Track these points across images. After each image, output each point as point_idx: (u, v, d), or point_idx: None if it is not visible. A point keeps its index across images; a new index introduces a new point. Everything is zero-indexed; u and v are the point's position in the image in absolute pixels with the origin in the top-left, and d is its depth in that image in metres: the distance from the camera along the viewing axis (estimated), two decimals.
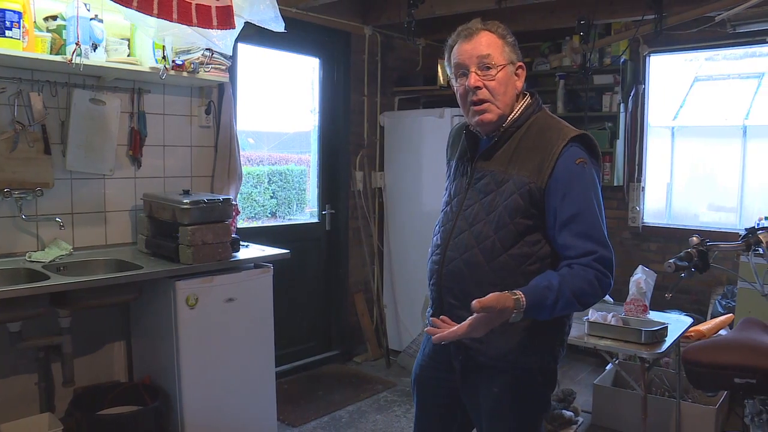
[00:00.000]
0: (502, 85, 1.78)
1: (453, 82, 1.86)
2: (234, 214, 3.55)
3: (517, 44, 1.84)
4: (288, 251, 3.53)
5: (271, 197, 4.77)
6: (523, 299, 1.61)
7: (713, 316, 4.36)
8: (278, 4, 3.14)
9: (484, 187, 1.81)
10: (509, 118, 1.83)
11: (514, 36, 1.84)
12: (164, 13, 2.67)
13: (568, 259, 1.71)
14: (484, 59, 1.76)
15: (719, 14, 3.90)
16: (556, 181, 1.71)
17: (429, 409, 2.05)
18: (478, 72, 1.77)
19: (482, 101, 1.79)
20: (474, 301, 1.56)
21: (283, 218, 4.85)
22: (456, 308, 1.82)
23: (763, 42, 4.35)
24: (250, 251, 3.45)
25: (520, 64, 1.84)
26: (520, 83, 1.84)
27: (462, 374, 1.89)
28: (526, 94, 1.88)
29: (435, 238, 1.93)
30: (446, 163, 2.07)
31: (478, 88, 1.77)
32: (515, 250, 1.74)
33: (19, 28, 2.71)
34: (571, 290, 1.65)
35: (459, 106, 1.90)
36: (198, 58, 3.29)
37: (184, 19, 2.73)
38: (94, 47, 2.98)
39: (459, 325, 1.63)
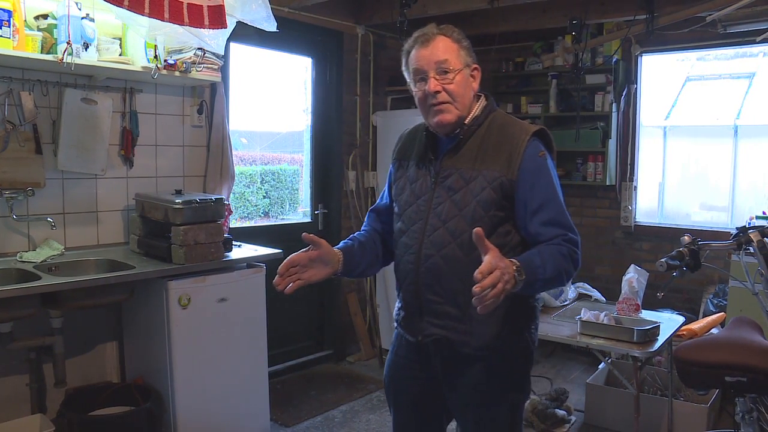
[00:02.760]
0: (460, 88, 1.85)
1: (412, 86, 1.92)
2: (226, 213, 3.54)
3: (472, 47, 1.90)
4: (281, 251, 3.52)
5: (264, 197, 4.77)
6: (519, 262, 1.63)
7: (705, 315, 4.38)
8: (270, 4, 3.14)
9: (452, 184, 1.86)
10: (470, 117, 1.89)
11: (468, 40, 1.90)
12: (155, 13, 2.66)
13: (539, 244, 1.79)
14: (442, 64, 1.82)
15: (710, 14, 3.91)
16: (524, 173, 1.80)
17: (406, 409, 2.08)
18: (437, 76, 1.83)
19: (442, 103, 1.84)
20: (476, 230, 1.58)
21: (276, 218, 4.84)
22: (437, 304, 1.87)
23: (753, 42, 4.37)
24: (242, 251, 3.44)
25: (475, 66, 1.90)
26: (476, 84, 1.91)
27: (443, 369, 1.93)
28: (481, 95, 1.95)
29: (403, 239, 1.95)
30: (392, 163, 2.10)
31: (437, 92, 1.83)
32: (491, 241, 1.73)
33: (9, 26, 2.70)
34: (554, 261, 1.73)
35: None
36: (190, 58, 3.28)
37: (176, 18, 2.73)
38: (86, 46, 2.96)
39: (485, 265, 1.54)
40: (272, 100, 4.76)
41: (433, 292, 1.87)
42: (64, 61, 2.81)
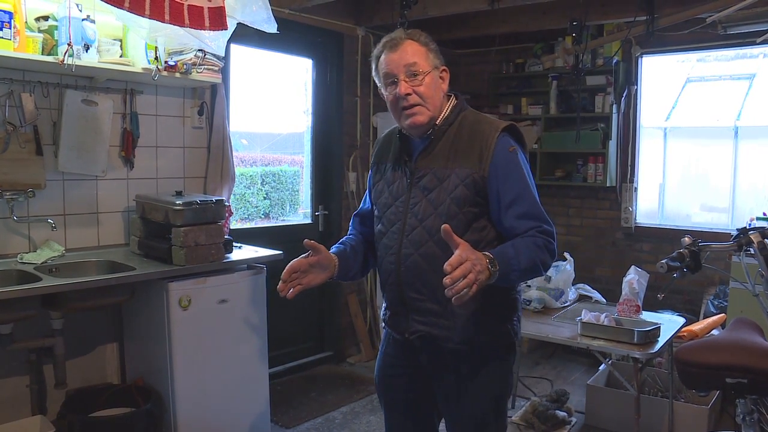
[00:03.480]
0: (430, 89, 1.89)
1: (383, 90, 1.98)
2: (227, 215, 3.54)
3: (439, 50, 1.96)
4: (281, 252, 3.53)
5: (264, 198, 4.77)
6: (491, 255, 1.69)
7: (706, 316, 4.38)
8: (271, 5, 3.14)
9: (427, 183, 1.91)
10: (441, 117, 1.94)
11: (435, 43, 1.96)
12: (156, 14, 2.66)
13: (515, 237, 1.84)
14: (411, 67, 1.87)
15: (710, 16, 3.92)
16: (496, 168, 1.85)
17: (398, 408, 2.13)
18: (407, 79, 1.88)
19: (413, 105, 1.89)
20: (444, 227, 1.64)
21: (277, 219, 4.84)
22: (419, 301, 1.93)
23: (753, 43, 4.37)
24: (243, 252, 3.44)
25: (444, 68, 1.95)
26: (445, 86, 1.96)
27: (430, 365, 1.99)
28: (451, 95, 2.00)
29: (384, 240, 2.00)
30: (371, 167, 2.16)
31: (408, 94, 1.88)
32: (466, 237, 1.81)
33: (10, 28, 2.70)
34: (528, 250, 1.77)
35: None
36: (190, 59, 3.28)
37: (176, 20, 2.73)
38: (86, 48, 2.96)
39: (454, 257, 1.59)
40: (273, 102, 4.76)
41: (414, 289, 1.92)
42: (65, 62, 2.81)
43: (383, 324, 2.11)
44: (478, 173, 1.84)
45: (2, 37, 2.67)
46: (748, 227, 2.62)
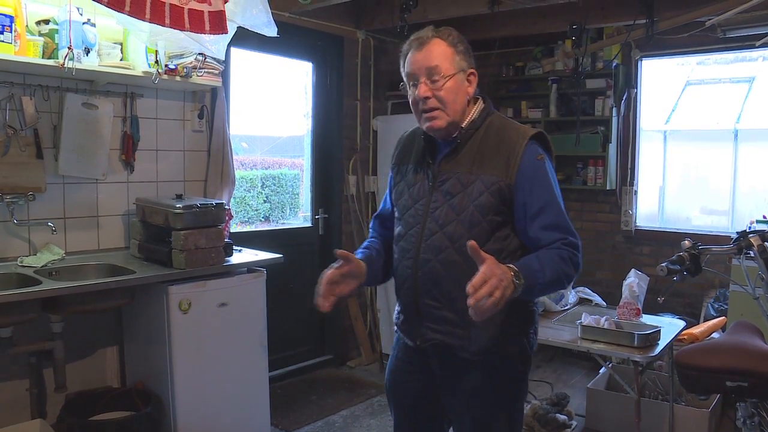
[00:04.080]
0: (451, 94, 1.83)
1: (407, 89, 1.92)
2: (227, 218, 3.55)
3: (470, 51, 1.89)
4: (281, 256, 3.53)
5: (265, 201, 4.77)
6: (519, 271, 1.63)
7: (706, 319, 4.38)
8: (271, 9, 3.15)
9: (450, 188, 1.85)
10: (467, 121, 1.88)
11: (467, 43, 1.88)
12: (157, 18, 2.67)
13: (539, 248, 1.78)
14: (433, 70, 1.81)
15: (710, 19, 3.92)
16: (523, 177, 1.79)
17: (407, 414, 2.08)
18: (428, 82, 1.82)
19: (432, 109, 1.83)
20: (470, 243, 1.59)
21: (277, 222, 4.84)
22: (435, 309, 1.87)
23: (752, 47, 4.38)
24: (243, 256, 3.44)
25: (472, 70, 1.88)
26: (471, 89, 1.88)
27: (442, 373, 1.93)
28: (479, 98, 1.93)
29: (402, 243, 1.95)
30: (392, 168, 2.10)
31: (427, 98, 1.82)
32: (488, 246, 1.77)
33: (11, 32, 2.71)
34: (553, 264, 1.72)
35: None
36: (191, 63, 3.28)
37: (177, 24, 2.74)
38: (87, 51, 2.97)
39: (477, 277, 1.54)
40: (273, 105, 4.76)
41: (431, 296, 1.86)
42: (66, 66, 2.82)
43: (395, 328, 2.06)
44: (504, 181, 1.79)
45: (3, 41, 2.68)
46: (748, 230, 2.62)
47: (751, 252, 2.51)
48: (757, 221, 4.41)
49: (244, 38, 3.32)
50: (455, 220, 1.82)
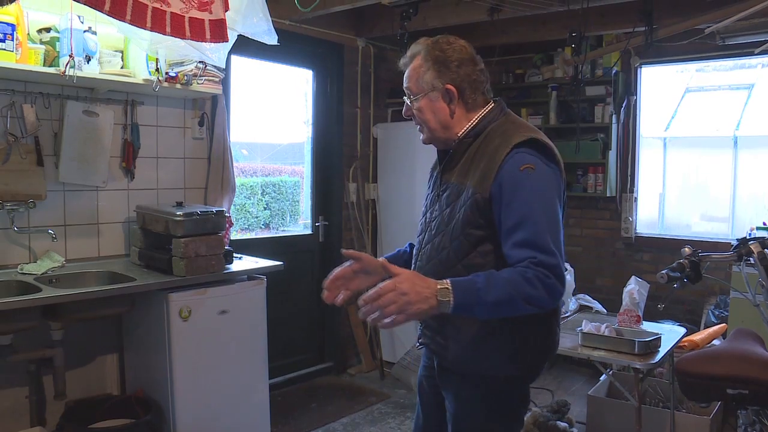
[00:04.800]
0: (423, 113, 1.84)
1: None
2: (227, 225, 3.55)
3: (455, 62, 1.80)
4: (281, 263, 3.53)
5: (265, 209, 4.77)
6: (449, 284, 1.57)
7: (706, 326, 4.37)
8: (271, 17, 3.16)
9: (446, 198, 1.85)
10: (464, 131, 1.84)
11: (453, 52, 1.81)
12: (158, 27, 2.68)
13: (516, 259, 1.67)
14: (408, 90, 1.86)
15: (709, 27, 3.93)
16: (500, 190, 1.69)
17: (426, 411, 2.11)
18: (408, 101, 1.87)
19: (418, 125, 1.89)
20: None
21: (277, 230, 4.85)
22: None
23: (751, 54, 4.39)
24: (243, 263, 3.44)
25: (448, 86, 1.80)
26: (455, 104, 1.82)
27: (439, 375, 1.96)
28: (490, 102, 1.89)
29: (415, 249, 2.00)
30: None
31: (409, 115, 1.88)
32: (468, 260, 1.75)
33: (13, 40, 2.72)
34: (506, 282, 1.58)
35: None
36: (191, 71, 3.29)
37: (178, 32, 2.75)
38: (88, 59, 2.98)
39: (374, 289, 1.56)
40: (273, 112, 4.77)
41: None
42: (66, 73, 2.83)
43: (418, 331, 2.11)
44: (480, 194, 1.71)
45: (5, 49, 2.70)
46: (748, 237, 2.62)
47: (751, 259, 2.51)
48: (757, 228, 4.41)
49: (245, 46, 3.33)
50: (443, 231, 1.82)
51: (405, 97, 1.88)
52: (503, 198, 1.68)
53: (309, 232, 4.89)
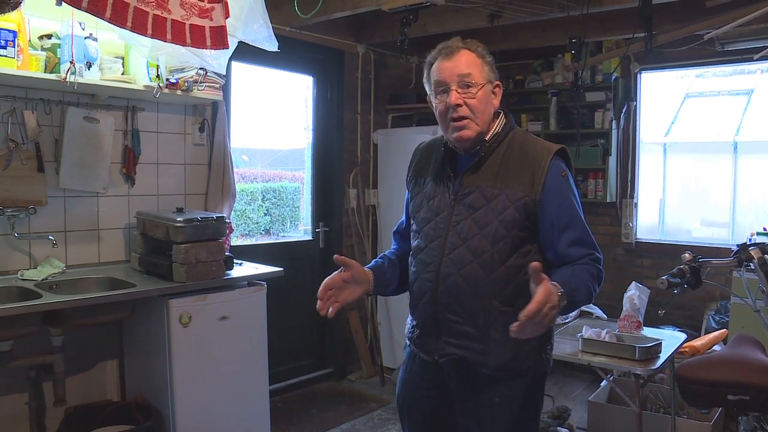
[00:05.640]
0: (481, 104, 1.82)
1: (432, 98, 1.90)
2: (227, 231, 3.55)
3: (494, 64, 1.89)
4: (282, 269, 3.53)
5: (265, 214, 4.77)
6: (564, 291, 1.64)
7: (707, 332, 4.37)
8: (272, 23, 3.17)
9: (473, 202, 1.83)
10: (491, 134, 1.87)
11: (492, 56, 1.89)
12: (158, 34, 2.69)
13: (566, 264, 1.80)
14: (465, 78, 1.80)
15: (708, 33, 3.94)
16: (549, 193, 1.79)
17: (419, 427, 2.04)
18: (459, 90, 1.81)
19: (462, 118, 1.82)
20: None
21: (277, 236, 4.85)
22: (455, 323, 1.84)
23: (751, 60, 4.40)
24: (243, 269, 3.44)
25: (497, 83, 1.89)
26: (497, 102, 1.88)
27: (458, 389, 1.90)
28: (500, 113, 1.92)
29: (421, 256, 1.92)
30: (408, 180, 2.07)
31: (458, 105, 1.80)
32: (511, 261, 1.79)
33: (14, 46, 2.73)
34: (585, 282, 1.76)
35: None
36: (192, 77, 3.30)
37: (178, 39, 2.76)
38: (89, 66, 2.99)
39: (533, 306, 1.52)
40: (273, 118, 4.78)
41: (451, 311, 1.84)
42: (67, 80, 2.84)
43: (408, 342, 2.03)
44: (530, 197, 1.78)
45: (6, 56, 2.71)
46: (748, 243, 2.62)
47: (751, 264, 2.51)
48: (758, 233, 4.42)
49: (245, 52, 3.34)
50: (478, 234, 1.80)
51: (455, 87, 1.80)
52: (552, 201, 1.79)
53: (309, 238, 4.89)
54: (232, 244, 3.80)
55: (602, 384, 4.09)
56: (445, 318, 1.85)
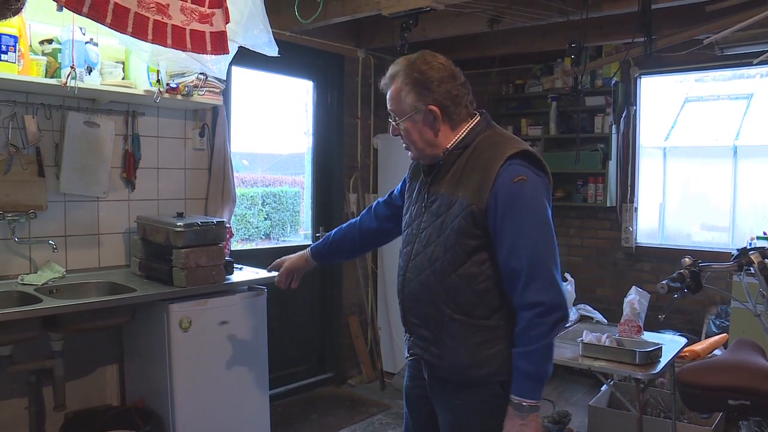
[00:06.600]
0: (409, 134, 1.88)
1: None
2: (228, 236, 3.55)
3: (434, 81, 1.82)
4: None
5: (265, 219, 4.77)
6: (531, 401, 1.71)
7: (707, 336, 4.36)
8: (272, 28, 3.17)
9: (436, 209, 1.85)
10: (453, 142, 1.86)
11: (432, 72, 1.82)
12: (159, 39, 2.69)
13: (511, 282, 1.74)
14: (392, 111, 1.91)
15: (708, 37, 3.95)
16: (495, 202, 1.72)
17: (416, 422, 2.10)
18: (394, 122, 1.92)
19: (405, 144, 1.92)
20: None
21: (277, 240, 4.84)
22: (417, 327, 1.91)
23: (750, 64, 4.40)
24: (244, 274, 3.44)
25: (428, 108, 1.83)
26: (438, 123, 1.84)
27: (430, 386, 1.96)
28: (476, 114, 1.90)
29: (399, 260, 2.00)
30: (407, 180, 2.14)
31: (396, 134, 1.92)
32: (463, 270, 1.78)
33: (15, 51, 2.73)
34: (537, 350, 1.70)
35: None
36: (192, 82, 3.31)
37: (179, 44, 2.76)
38: (89, 70, 2.99)
39: None
40: (273, 123, 4.78)
41: (412, 314, 1.92)
42: (68, 84, 2.84)
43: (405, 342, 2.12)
44: (476, 205, 1.73)
45: (7, 61, 2.71)
46: (748, 247, 2.62)
47: (751, 269, 2.51)
48: (758, 237, 4.41)
49: (245, 57, 3.34)
50: (435, 241, 1.83)
51: (390, 119, 1.91)
52: (499, 209, 1.72)
53: (309, 242, 4.89)
54: (232, 248, 3.80)
55: (602, 388, 4.08)
56: (408, 320, 1.94)
